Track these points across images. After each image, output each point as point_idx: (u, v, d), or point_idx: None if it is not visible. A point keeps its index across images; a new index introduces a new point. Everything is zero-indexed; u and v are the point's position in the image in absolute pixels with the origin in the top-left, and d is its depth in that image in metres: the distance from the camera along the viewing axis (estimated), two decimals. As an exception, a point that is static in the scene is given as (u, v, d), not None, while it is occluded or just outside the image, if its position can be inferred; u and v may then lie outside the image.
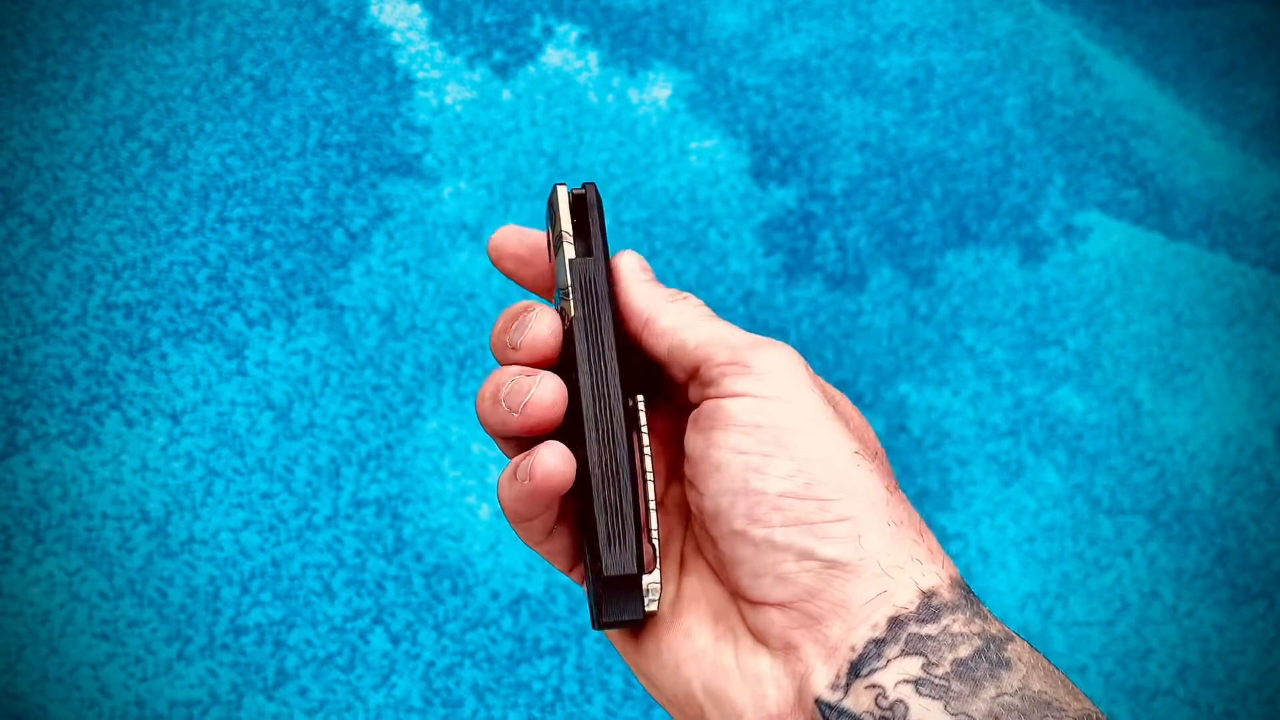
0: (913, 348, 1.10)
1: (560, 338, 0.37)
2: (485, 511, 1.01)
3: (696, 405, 0.36)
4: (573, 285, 0.37)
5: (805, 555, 0.33)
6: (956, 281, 1.13)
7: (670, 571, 0.37)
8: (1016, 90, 1.21)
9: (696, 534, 0.37)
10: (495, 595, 0.99)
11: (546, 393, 0.35)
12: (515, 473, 0.35)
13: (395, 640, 0.97)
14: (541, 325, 0.36)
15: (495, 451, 1.03)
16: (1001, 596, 1.03)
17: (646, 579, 0.35)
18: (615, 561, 0.35)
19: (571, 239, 0.37)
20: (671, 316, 0.37)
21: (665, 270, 1.10)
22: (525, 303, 0.37)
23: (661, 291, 0.37)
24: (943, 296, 1.12)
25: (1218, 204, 1.19)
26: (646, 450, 0.37)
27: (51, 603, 0.95)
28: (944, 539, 1.05)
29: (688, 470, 0.35)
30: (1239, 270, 1.17)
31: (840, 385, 1.08)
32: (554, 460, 0.34)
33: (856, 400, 1.08)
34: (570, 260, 0.37)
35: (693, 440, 0.35)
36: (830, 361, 1.09)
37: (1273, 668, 1.04)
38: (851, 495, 0.33)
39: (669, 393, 0.39)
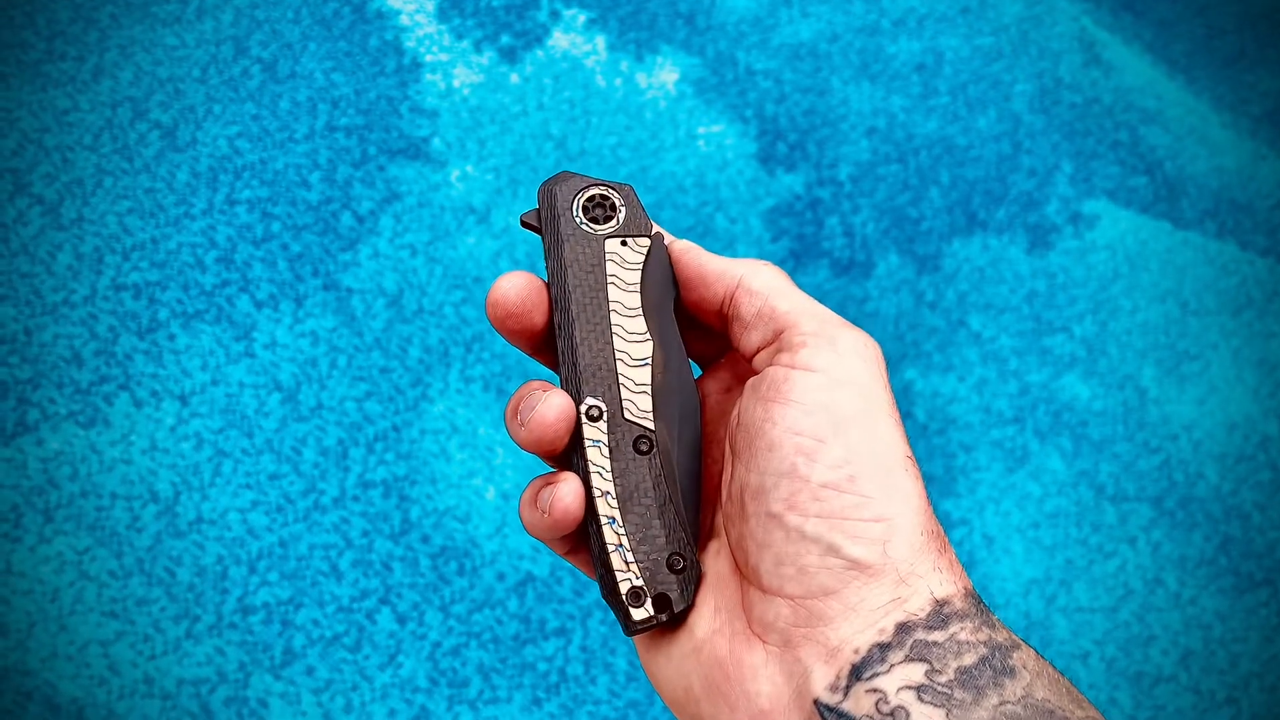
0: (919, 334, 1.10)
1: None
2: (492, 494, 1.01)
3: (758, 373, 0.36)
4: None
5: (830, 551, 0.33)
6: (963, 268, 1.13)
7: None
8: (1025, 76, 1.21)
9: (726, 509, 0.36)
10: (501, 577, 0.99)
11: (549, 409, 0.35)
12: (536, 500, 0.35)
13: (402, 621, 0.97)
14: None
15: (502, 434, 1.04)
16: (1005, 582, 1.04)
17: (635, 612, 0.36)
18: (602, 592, 0.37)
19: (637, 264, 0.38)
20: (765, 278, 0.37)
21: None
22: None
23: (742, 258, 0.38)
24: (950, 283, 1.12)
25: (1226, 192, 1.19)
26: (593, 466, 0.36)
27: (61, 581, 0.96)
28: (948, 524, 1.05)
29: (740, 438, 0.35)
30: (1246, 258, 1.16)
31: (846, 371, 1.08)
32: (570, 497, 0.35)
33: (862, 386, 1.08)
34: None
35: (751, 408, 0.35)
36: (836, 347, 1.09)
37: (1275, 655, 1.04)
38: (892, 497, 0.33)
39: (724, 369, 0.39)
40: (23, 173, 1.07)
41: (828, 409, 0.33)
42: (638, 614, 0.36)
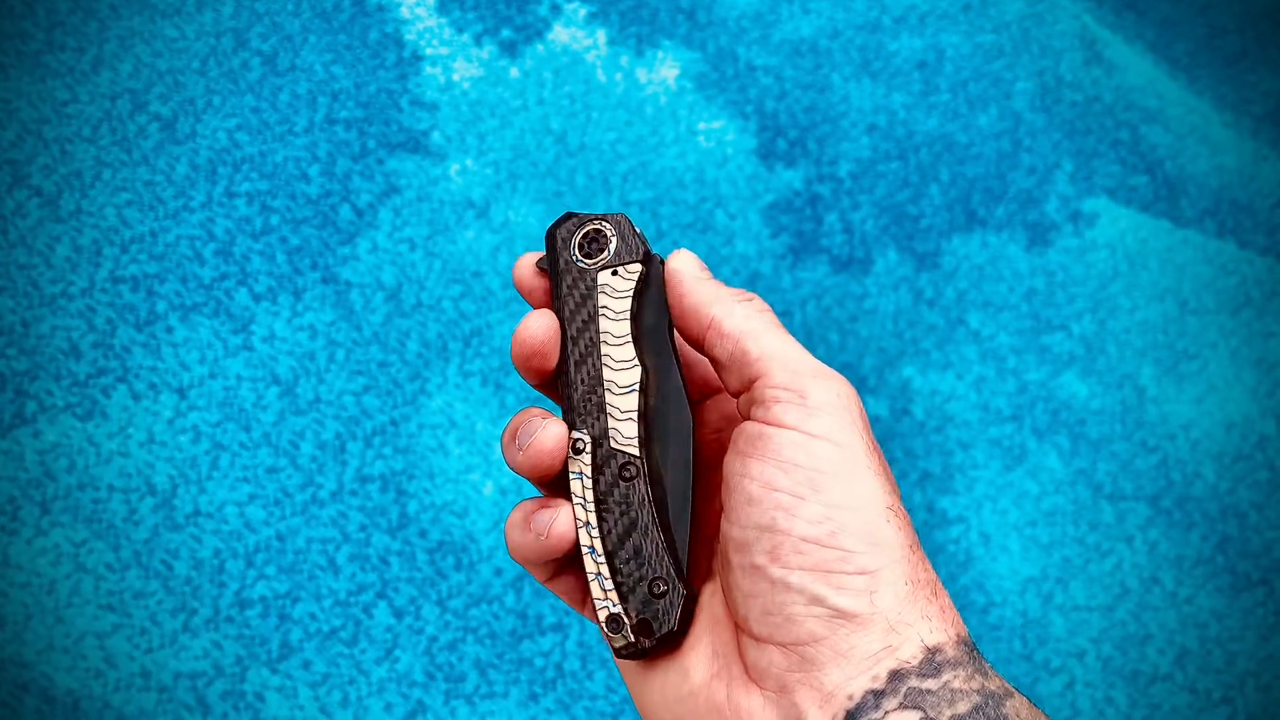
0: (918, 331, 1.10)
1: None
2: (489, 489, 1.01)
3: (744, 416, 0.36)
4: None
5: (816, 601, 0.33)
6: (963, 265, 1.13)
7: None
8: (1026, 74, 1.21)
9: (720, 554, 0.37)
10: (498, 572, 0.99)
11: (549, 438, 0.36)
12: (529, 524, 0.36)
13: (399, 615, 0.97)
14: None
15: (500, 430, 1.04)
16: (1002, 580, 1.04)
17: (614, 639, 0.37)
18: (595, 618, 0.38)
19: (629, 292, 0.39)
20: (738, 319, 0.36)
21: (671, 251, 1.10)
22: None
23: (726, 291, 0.37)
24: (949, 280, 1.12)
25: (1226, 191, 1.19)
26: (575, 498, 0.37)
27: (58, 573, 0.96)
28: (945, 523, 1.05)
29: (723, 491, 0.35)
30: (1245, 258, 1.16)
31: (844, 368, 1.08)
32: (567, 524, 0.36)
33: (859, 384, 1.08)
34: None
35: (731, 462, 0.35)
36: (835, 344, 1.09)
37: (1271, 654, 1.04)
38: (875, 550, 0.33)
39: (718, 404, 0.40)
40: (21, 164, 1.07)
41: (804, 466, 0.33)
42: (617, 641, 0.37)
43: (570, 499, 0.37)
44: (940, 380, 1.09)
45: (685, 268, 0.38)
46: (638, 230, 0.39)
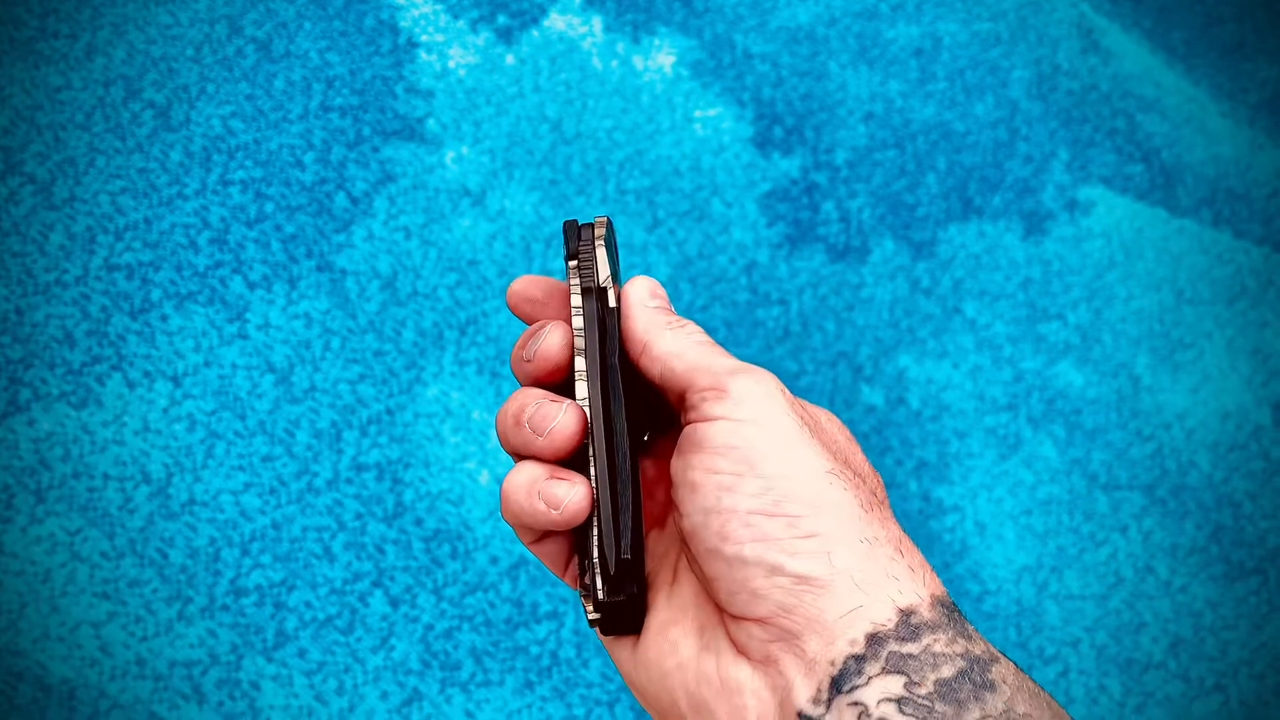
0: (914, 320, 1.10)
1: (570, 351, 0.39)
2: (485, 477, 1.01)
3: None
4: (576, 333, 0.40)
5: (775, 570, 0.33)
6: (959, 254, 1.13)
7: (662, 588, 0.38)
8: (1023, 63, 1.21)
9: (686, 553, 0.38)
10: (494, 560, 0.99)
11: (571, 421, 0.37)
12: (539, 494, 0.37)
13: (394, 603, 0.97)
14: (554, 338, 0.39)
15: (495, 418, 1.04)
16: (997, 569, 1.04)
17: (586, 605, 0.38)
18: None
19: (578, 285, 0.40)
20: (667, 343, 0.38)
21: (668, 239, 1.10)
22: (541, 321, 0.40)
23: (663, 319, 0.39)
24: (945, 269, 1.12)
25: (1222, 181, 1.19)
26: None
27: (53, 562, 0.95)
28: (941, 511, 1.05)
29: (673, 493, 0.37)
30: (1241, 247, 1.16)
31: (840, 357, 1.08)
32: (584, 502, 0.37)
33: (856, 372, 1.08)
34: (574, 306, 0.40)
35: (675, 463, 0.37)
36: (831, 333, 1.09)
37: (1264, 643, 1.05)
38: (820, 512, 0.34)
39: (674, 420, 0.41)
40: (14, 151, 1.06)
41: (738, 447, 0.35)
42: (590, 614, 0.38)
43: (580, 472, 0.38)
44: (936, 369, 1.09)
45: (633, 294, 0.40)
46: (581, 227, 0.41)
